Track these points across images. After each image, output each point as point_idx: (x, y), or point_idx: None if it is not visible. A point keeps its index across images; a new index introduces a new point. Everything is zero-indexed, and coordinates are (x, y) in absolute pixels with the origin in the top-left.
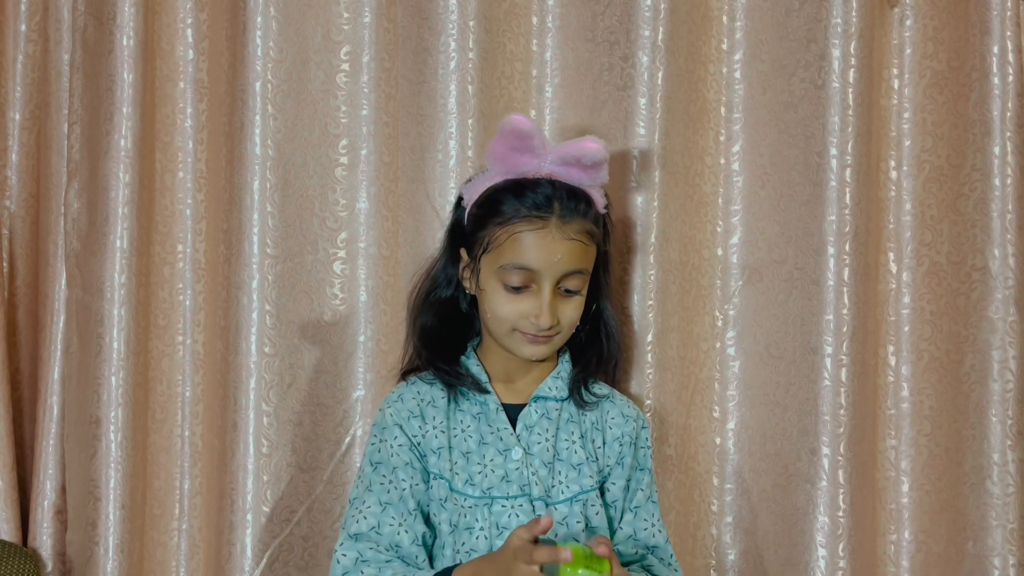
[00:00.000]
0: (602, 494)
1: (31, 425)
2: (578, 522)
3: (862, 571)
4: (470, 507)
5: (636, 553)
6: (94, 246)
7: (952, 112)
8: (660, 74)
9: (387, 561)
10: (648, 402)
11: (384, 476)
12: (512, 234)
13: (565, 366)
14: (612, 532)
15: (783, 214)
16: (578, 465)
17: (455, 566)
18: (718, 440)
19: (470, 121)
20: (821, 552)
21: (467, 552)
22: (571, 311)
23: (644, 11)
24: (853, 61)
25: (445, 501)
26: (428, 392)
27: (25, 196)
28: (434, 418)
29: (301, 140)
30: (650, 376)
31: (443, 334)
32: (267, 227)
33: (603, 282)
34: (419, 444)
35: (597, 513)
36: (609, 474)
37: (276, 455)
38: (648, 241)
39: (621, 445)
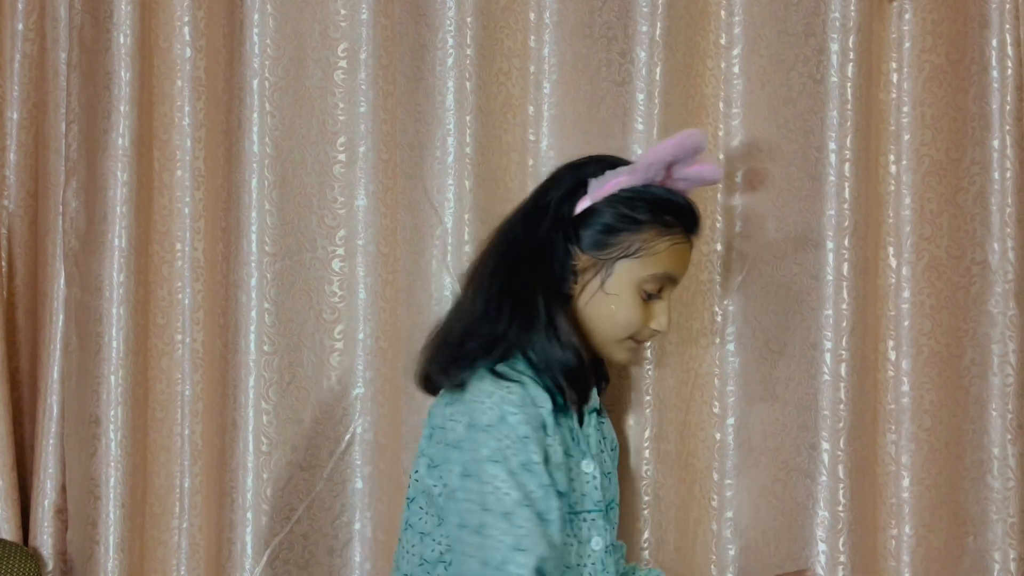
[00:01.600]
0: None
1: (31, 424)
2: (610, 529)
3: (862, 566)
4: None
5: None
6: (93, 245)
7: (951, 106)
8: (658, 69)
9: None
10: (647, 398)
11: (540, 483)
12: (672, 244)
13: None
14: None
15: (782, 209)
16: (608, 474)
17: None
18: (718, 436)
19: (468, 117)
20: (821, 547)
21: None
22: None
23: (642, 6)
24: (852, 55)
25: None
26: (540, 394)
27: (23, 195)
28: (543, 426)
29: (299, 137)
30: (649, 372)
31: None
32: (265, 225)
33: None
34: (547, 459)
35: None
36: None
37: (276, 453)
38: None
39: (613, 449)
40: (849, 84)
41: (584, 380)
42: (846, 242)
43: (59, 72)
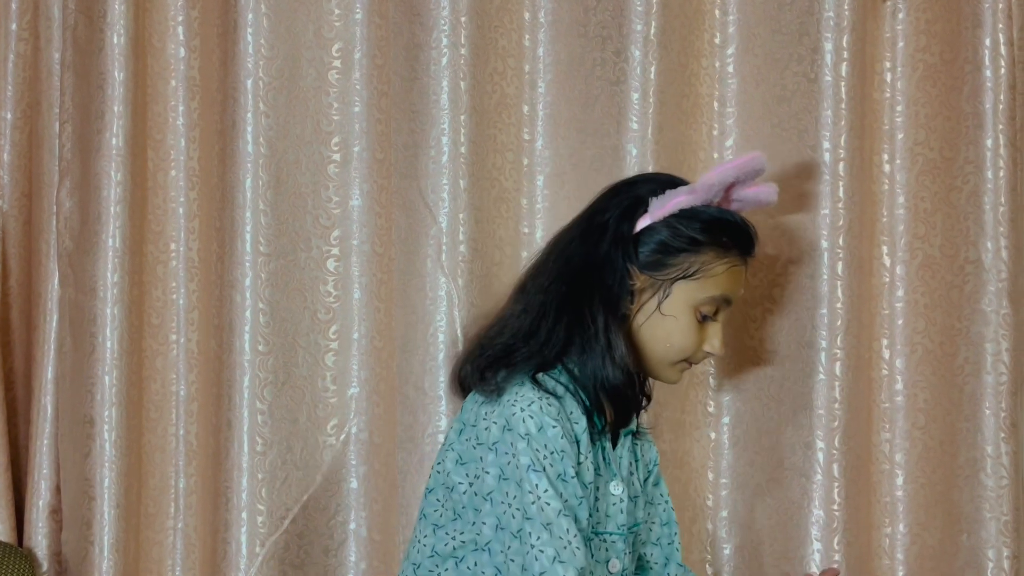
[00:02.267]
0: None
1: (25, 425)
2: (629, 553)
3: (857, 564)
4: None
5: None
6: (87, 245)
7: (945, 105)
8: (653, 69)
9: None
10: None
11: (574, 494)
12: (731, 266)
13: None
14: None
15: (776, 208)
16: (635, 497)
17: None
18: (713, 435)
19: (462, 117)
20: (816, 545)
21: None
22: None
23: (636, 6)
24: (846, 55)
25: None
26: (576, 410)
27: (17, 195)
28: (577, 444)
29: (293, 137)
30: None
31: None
32: (260, 225)
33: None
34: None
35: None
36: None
37: (271, 453)
38: None
39: (649, 468)
40: (843, 83)
41: (630, 401)
42: (840, 241)
43: (53, 72)
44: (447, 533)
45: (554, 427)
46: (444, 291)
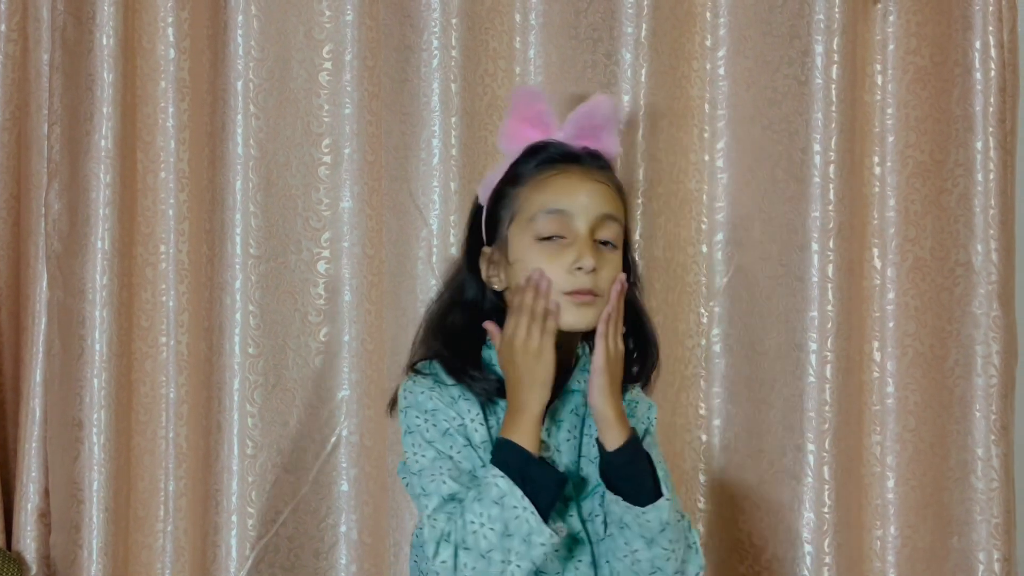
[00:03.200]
0: None
1: (14, 428)
2: (597, 516)
3: (848, 567)
4: None
5: None
6: (75, 247)
7: (935, 108)
8: (644, 71)
9: (474, 499)
10: None
11: (450, 446)
12: (537, 183)
13: (589, 360)
14: None
15: (767, 211)
16: (595, 460)
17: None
18: (704, 437)
19: (453, 119)
20: (807, 548)
21: None
22: (612, 268)
23: (627, 8)
24: (836, 57)
25: None
26: (457, 388)
27: (6, 197)
28: (468, 411)
29: (284, 139)
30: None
31: (469, 340)
32: (250, 227)
33: (637, 278)
34: (469, 438)
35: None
36: None
37: (261, 456)
38: (633, 238)
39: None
40: (834, 86)
41: (462, 369)
42: (831, 243)
43: (41, 73)
44: (418, 526)
45: (423, 393)
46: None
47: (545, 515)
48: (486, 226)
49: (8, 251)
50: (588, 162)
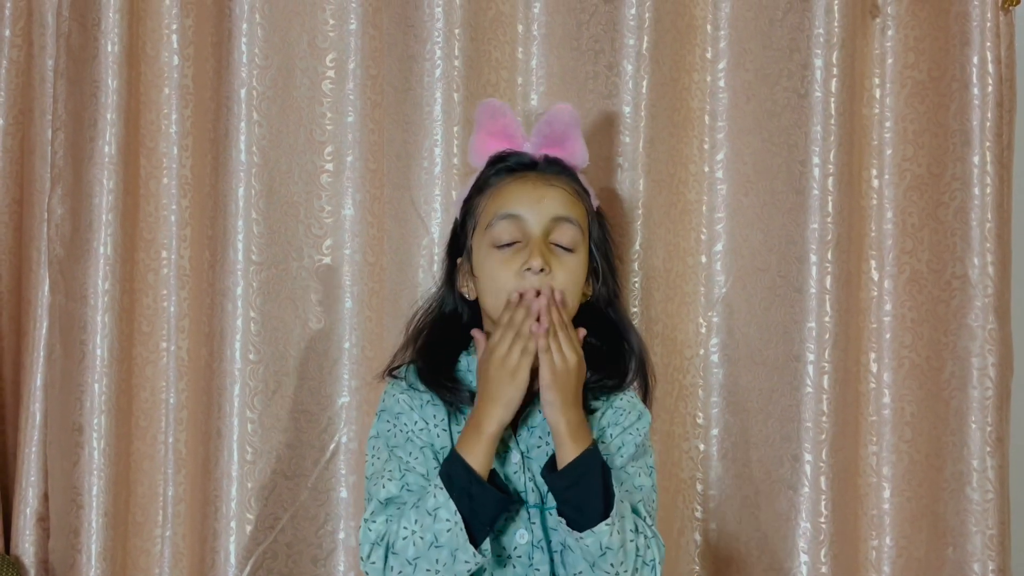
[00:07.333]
0: None
1: (13, 432)
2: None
3: None
4: None
5: None
6: (78, 252)
7: (933, 122)
8: (645, 83)
9: (412, 505)
10: None
11: (409, 451)
12: (494, 191)
13: None
14: None
15: (766, 222)
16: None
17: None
18: (701, 446)
19: (456, 128)
20: (803, 558)
21: None
22: (567, 271)
23: (629, 20)
24: (835, 71)
25: None
26: (428, 394)
27: (8, 202)
28: (435, 416)
29: (286, 147)
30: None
31: (444, 350)
32: (252, 234)
33: (611, 287)
34: (431, 443)
35: None
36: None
37: (260, 462)
38: (632, 248)
39: (619, 437)
40: (833, 99)
41: (433, 378)
42: (829, 255)
43: (46, 79)
44: None
45: (394, 396)
46: None
47: (482, 534)
48: (459, 238)
49: (10, 255)
50: (544, 168)
